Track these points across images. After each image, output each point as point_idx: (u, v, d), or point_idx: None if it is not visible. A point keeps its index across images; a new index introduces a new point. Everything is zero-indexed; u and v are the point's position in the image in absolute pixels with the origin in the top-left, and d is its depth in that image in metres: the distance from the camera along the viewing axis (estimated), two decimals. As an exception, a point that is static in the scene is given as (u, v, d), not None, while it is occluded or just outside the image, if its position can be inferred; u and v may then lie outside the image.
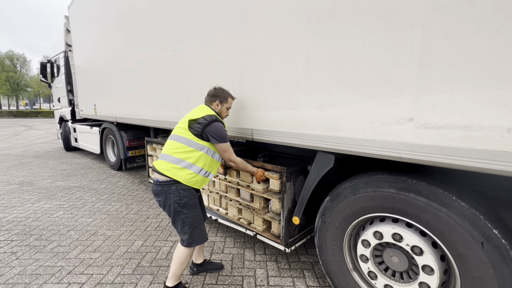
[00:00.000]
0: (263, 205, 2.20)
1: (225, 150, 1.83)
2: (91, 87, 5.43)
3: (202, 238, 1.83)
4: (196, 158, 1.75)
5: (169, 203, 1.71)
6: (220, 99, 1.93)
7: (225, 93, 1.95)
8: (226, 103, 1.96)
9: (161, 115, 3.17)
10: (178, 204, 1.70)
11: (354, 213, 1.56)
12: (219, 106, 1.93)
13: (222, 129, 1.80)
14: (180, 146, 1.76)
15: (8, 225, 2.91)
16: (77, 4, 5.45)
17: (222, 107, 1.95)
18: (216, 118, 1.82)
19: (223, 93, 1.94)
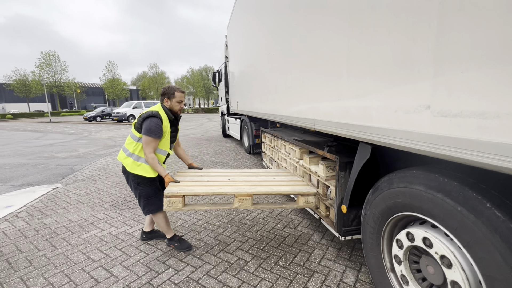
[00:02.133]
0: (325, 192, 2.34)
1: (145, 142, 2.04)
2: (236, 88, 7.07)
3: (155, 209, 2.21)
4: (134, 147, 2.13)
5: (130, 180, 2.21)
6: (167, 95, 2.19)
7: (171, 89, 2.20)
8: (174, 97, 2.19)
9: (266, 108, 3.83)
10: (134, 182, 2.17)
11: (388, 208, 1.46)
12: (168, 102, 2.20)
13: (153, 124, 2.02)
14: (128, 138, 2.21)
15: (179, 179, 4.67)
16: (231, 24, 7.21)
17: (171, 102, 2.20)
18: (154, 113, 2.07)
19: (169, 90, 2.20)
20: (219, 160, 6.14)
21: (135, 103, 21.85)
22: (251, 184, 2.28)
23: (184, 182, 2.26)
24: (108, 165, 5.93)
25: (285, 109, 2.98)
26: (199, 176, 2.49)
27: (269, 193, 2.15)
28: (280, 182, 2.42)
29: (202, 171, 2.67)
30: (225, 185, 2.22)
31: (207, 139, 10.04)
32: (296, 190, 2.18)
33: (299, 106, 2.52)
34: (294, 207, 2.21)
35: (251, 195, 2.06)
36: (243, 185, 2.23)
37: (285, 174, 2.80)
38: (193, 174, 2.53)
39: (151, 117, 2.07)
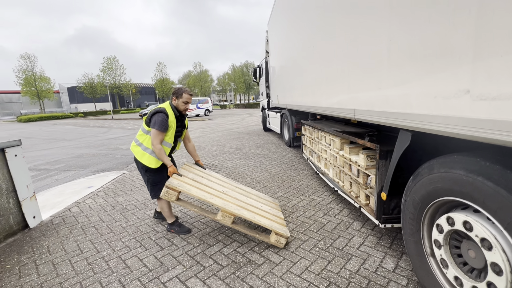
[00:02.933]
0: (365, 181, 2.38)
1: (153, 134, 2.30)
2: (276, 82, 7.21)
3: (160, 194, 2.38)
4: (143, 139, 2.42)
5: (139, 167, 2.53)
6: (176, 95, 2.45)
7: (181, 90, 2.44)
8: (181, 98, 2.43)
9: (307, 101, 3.92)
10: (143, 169, 2.49)
11: (428, 194, 1.49)
12: (175, 101, 2.45)
13: (160, 119, 2.29)
14: (139, 131, 2.50)
15: (224, 169, 5.05)
16: (272, 20, 7.33)
17: (178, 102, 2.44)
18: (161, 110, 2.33)
19: (179, 90, 2.45)
20: (260, 153, 6.40)
21: (182, 100, 23.51)
22: (238, 204, 2.41)
23: (186, 178, 2.43)
24: (162, 155, 6.66)
25: (326, 101, 3.04)
26: (200, 177, 2.62)
27: (250, 220, 2.26)
28: (263, 213, 2.49)
29: (205, 173, 2.80)
30: (217, 195, 2.37)
31: (248, 133, 10.42)
32: (273, 227, 2.26)
33: (340, 97, 2.58)
34: (266, 240, 2.28)
35: (234, 215, 2.23)
36: (232, 202, 2.38)
37: (271, 205, 2.85)
38: (197, 173, 2.68)
39: (158, 113, 2.35)
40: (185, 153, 6.64)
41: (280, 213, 2.75)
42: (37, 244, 2.49)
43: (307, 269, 1.98)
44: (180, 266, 2.08)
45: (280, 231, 2.25)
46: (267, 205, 2.77)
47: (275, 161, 5.48)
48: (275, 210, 2.75)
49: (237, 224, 2.34)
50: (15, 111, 49.66)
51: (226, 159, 5.85)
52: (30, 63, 40.51)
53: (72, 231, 2.73)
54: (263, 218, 2.38)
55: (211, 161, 5.77)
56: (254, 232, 2.33)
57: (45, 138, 12.70)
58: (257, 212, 2.43)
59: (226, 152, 6.65)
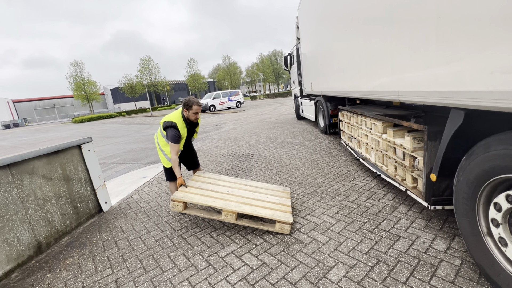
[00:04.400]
0: (412, 163, 2.34)
1: (170, 147, 2.67)
2: (309, 69, 7.11)
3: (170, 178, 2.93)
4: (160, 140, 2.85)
5: None
6: (186, 107, 2.71)
7: (190, 103, 2.68)
8: (191, 109, 2.70)
9: (344, 86, 3.86)
10: None
11: (484, 172, 1.46)
12: (186, 112, 2.73)
13: (173, 134, 2.64)
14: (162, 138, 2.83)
15: (262, 157, 5.23)
16: (302, 5, 7.17)
17: (188, 113, 2.72)
18: (171, 124, 2.66)
19: (189, 103, 2.69)
20: (295, 141, 6.45)
21: (214, 94, 24.21)
22: (241, 201, 2.55)
23: (192, 188, 2.70)
24: (203, 148, 7.07)
25: (366, 84, 2.99)
26: (207, 183, 2.87)
27: (251, 214, 2.37)
28: (268, 204, 2.58)
29: (213, 178, 3.02)
30: (221, 197, 2.57)
31: (281, 122, 10.46)
32: (275, 216, 2.32)
33: (381, 80, 2.54)
34: (270, 229, 2.36)
35: (235, 213, 2.38)
36: (235, 200, 2.53)
37: (280, 194, 2.88)
38: (204, 180, 2.94)
39: (170, 128, 2.67)
40: (222, 144, 6.97)
41: (288, 200, 2.77)
42: (112, 224, 2.93)
43: (354, 248, 2.06)
44: (234, 244, 2.30)
45: (282, 219, 2.32)
46: (275, 195, 2.83)
47: (312, 148, 5.50)
48: (283, 198, 2.78)
49: (242, 219, 2.49)
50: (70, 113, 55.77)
51: (263, 149, 6.02)
52: (78, 69, 44.84)
53: (138, 214, 3.14)
54: (265, 209, 2.47)
55: (249, 151, 6.00)
56: (259, 223, 2.44)
57: (98, 136, 14.18)
58: (260, 205, 2.54)
59: (261, 142, 6.82)
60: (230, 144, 7.06)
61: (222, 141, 7.70)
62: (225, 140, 7.91)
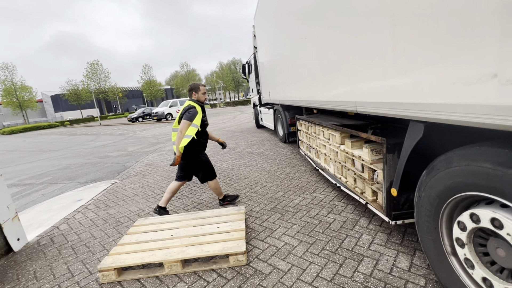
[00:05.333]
0: (371, 176, 2.26)
1: (183, 123, 2.76)
2: (267, 78, 7.05)
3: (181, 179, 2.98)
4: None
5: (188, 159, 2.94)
6: (195, 90, 2.92)
7: (196, 85, 2.93)
8: (199, 90, 2.92)
9: (301, 95, 3.78)
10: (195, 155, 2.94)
11: (447, 189, 1.38)
12: (196, 95, 2.93)
13: (192, 113, 2.78)
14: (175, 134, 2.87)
15: (220, 171, 4.88)
16: (258, 14, 7.13)
17: (198, 95, 2.93)
18: (189, 107, 2.82)
19: (195, 85, 2.93)
20: (255, 151, 6.25)
21: (171, 102, 23.07)
22: (188, 242, 2.18)
23: (127, 245, 2.23)
24: (155, 160, 6.42)
25: (323, 94, 2.91)
26: (148, 232, 2.43)
27: (198, 256, 2.04)
28: (219, 236, 2.24)
29: (155, 223, 2.59)
30: (162, 246, 2.16)
31: (241, 131, 10.24)
32: (225, 250, 2.04)
33: (338, 89, 2.45)
34: (224, 266, 2.04)
35: (179, 261, 2.01)
36: (180, 244, 2.16)
37: (234, 217, 2.56)
38: (144, 230, 2.48)
39: (189, 109, 2.81)
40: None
41: (242, 223, 2.45)
42: (23, 269, 2.28)
43: (318, 275, 1.86)
44: (182, 283, 1.92)
45: (234, 250, 2.02)
46: (228, 221, 2.50)
47: (272, 158, 5.34)
48: (236, 222, 2.46)
49: (190, 265, 2.07)
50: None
51: (221, 160, 5.68)
52: (8, 73, 38.98)
53: (61, 251, 2.53)
54: (215, 244, 2.13)
55: (206, 163, 5.59)
56: (211, 264, 2.06)
57: (30, 150, 12.20)
58: (209, 240, 2.18)
59: (220, 153, 6.47)
60: (186, 156, 6.55)
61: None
62: (181, 151, 7.36)
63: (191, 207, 3.29)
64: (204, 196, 3.65)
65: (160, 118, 22.20)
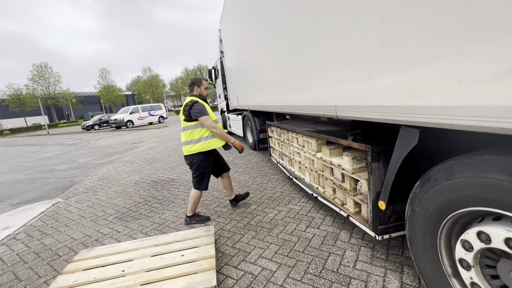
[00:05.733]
0: (353, 186, 2.08)
1: (204, 120, 2.56)
2: (235, 83, 6.78)
3: (203, 187, 2.76)
4: (198, 133, 2.63)
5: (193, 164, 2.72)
6: (197, 84, 2.72)
7: (198, 79, 2.73)
8: (202, 85, 2.72)
9: (272, 100, 3.56)
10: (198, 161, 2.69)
11: (448, 203, 1.21)
12: (198, 89, 2.73)
13: (199, 107, 2.55)
14: (185, 133, 2.66)
15: (185, 182, 4.42)
16: (224, 16, 6.87)
17: (200, 89, 2.73)
18: (194, 101, 2.58)
19: (196, 80, 2.73)
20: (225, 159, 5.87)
21: (132, 108, 21.57)
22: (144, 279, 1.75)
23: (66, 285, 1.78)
24: (110, 174, 5.69)
25: (296, 98, 2.71)
26: (92, 269, 1.95)
27: None
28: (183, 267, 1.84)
29: (103, 255, 2.12)
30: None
31: (208, 139, 9.78)
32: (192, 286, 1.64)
33: (315, 93, 2.25)
34: None
35: None
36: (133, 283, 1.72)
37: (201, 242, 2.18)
38: (87, 265, 1.99)
39: (195, 104, 2.56)
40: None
41: (212, 247, 2.09)
42: None
43: (303, 308, 1.58)
44: (133, 337, 1.49)
45: (202, 285, 1.64)
46: (194, 246, 2.13)
47: (242, 167, 5.03)
48: (205, 247, 2.10)
49: None
50: None
51: (187, 171, 5.20)
52: None
53: (-32, 304, 1.90)
54: (178, 279, 1.72)
55: (170, 175, 5.07)
56: None
57: (-47, 166, 10.21)
58: (171, 275, 1.77)
59: (184, 163, 5.96)
60: (147, 168, 5.92)
61: (137, 164, 6.44)
62: (141, 162, 6.67)
63: (150, 230, 2.82)
64: (167, 214, 3.19)
65: (120, 125, 20.56)
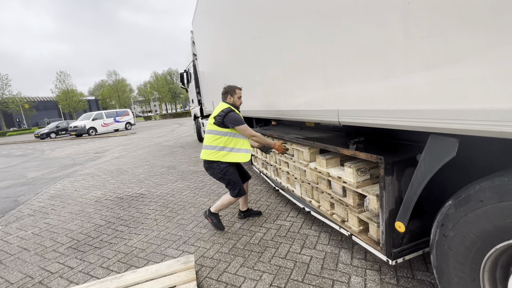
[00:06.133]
0: (358, 202, 1.82)
1: (243, 130, 2.42)
2: (209, 86, 6.37)
3: (241, 194, 2.56)
4: (224, 141, 2.43)
5: (216, 173, 2.52)
6: (230, 93, 2.55)
7: (232, 87, 2.56)
8: (235, 94, 2.56)
9: (254, 105, 3.24)
10: (221, 173, 2.49)
11: (498, 230, 0.97)
12: (231, 98, 2.56)
13: (236, 116, 2.40)
14: (211, 137, 2.46)
15: (156, 198, 3.90)
16: (197, 18, 6.46)
17: (234, 98, 2.56)
18: (229, 109, 2.42)
19: (230, 88, 2.56)
20: (200, 169, 5.42)
21: (94, 114, 19.90)
22: None
23: None
24: (65, 190, 4.90)
25: (285, 102, 2.42)
26: None
27: None
28: None
29: None
30: None
31: (181, 146, 9.17)
32: None
33: (310, 96, 1.98)
34: None
35: None
36: None
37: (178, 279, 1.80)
38: None
39: (231, 112, 2.41)
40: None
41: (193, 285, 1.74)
42: None
43: None
44: None
45: None
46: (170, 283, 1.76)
47: (221, 178, 4.62)
48: (183, 286, 1.73)
49: None
50: None
51: (158, 184, 4.65)
52: None
53: None
54: None
55: (138, 189, 4.48)
56: None
57: None
58: None
59: (156, 174, 5.39)
60: (111, 181, 5.23)
61: (99, 177, 5.69)
62: (105, 175, 5.92)
63: (114, 262, 2.30)
64: (135, 239, 2.68)
65: (81, 133, 18.79)
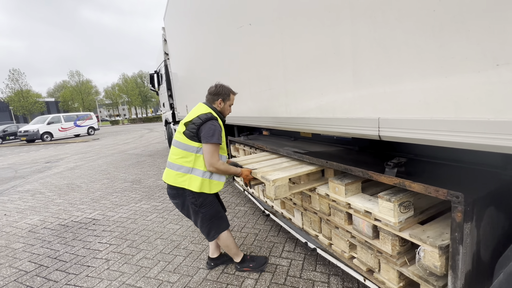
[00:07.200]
0: (398, 249, 1.29)
1: (207, 151, 1.67)
2: (183, 89, 5.65)
3: (223, 228, 1.87)
4: (194, 161, 1.71)
5: (187, 205, 1.78)
6: (222, 96, 1.87)
7: (227, 90, 1.88)
8: (228, 100, 1.90)
9: (241, 110, 2.64)
10: (195, 205, 1.75)
11: None
12: (221, 104, 1.88)
13: (213, 129, 1.68)
14: (178, 152, 1.74)
15: (112, 225, 3.08)
16: (169, 11, 5.74)
17: (224, 105, 1.90)
18: (211, 116, 1.74)
19: (224, 90, 1.87)
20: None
21: (50, 118, 17.76)
22: None
23: None
24: (-8, 214, 3.82)
25: (287, 107, 1.86)
26: None
27: None
28: None
29: None
30: None
31: (150, 155, 8.20)
32: None
33: (327, 98, 1.43)
34: None
35: None
36: None
37: None
38: None
39: (211, 121, 1.71)
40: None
41: None
42: None
43: None
44: None
45: None
46: None
47: (196, 195, 3.91)
48: None
49: None
50: None
51: (117, 205, 3.80)
52: None
53: None
54: None
55: (91, 212, 3.59)
56: None
57: None
58: None
59: (117, 191, 4.49)
60: (57, 201, 4.23)
61: (42, 196, 4.62)
62: (50, 192, 4.85)
63: None
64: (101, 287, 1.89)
65: (33, 138, 16.60)
